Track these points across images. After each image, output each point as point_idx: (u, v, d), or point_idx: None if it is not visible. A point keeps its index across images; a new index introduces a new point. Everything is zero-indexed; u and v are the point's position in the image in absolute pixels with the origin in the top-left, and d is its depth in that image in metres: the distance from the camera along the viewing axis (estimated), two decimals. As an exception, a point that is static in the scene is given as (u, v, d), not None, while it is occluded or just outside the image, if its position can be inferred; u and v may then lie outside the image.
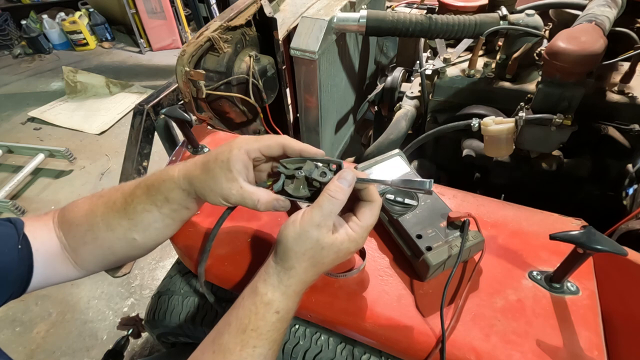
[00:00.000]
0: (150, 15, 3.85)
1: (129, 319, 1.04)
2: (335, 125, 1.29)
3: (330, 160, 0.50)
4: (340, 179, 0.46)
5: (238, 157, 0.48)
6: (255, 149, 0.49)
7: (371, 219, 0.48)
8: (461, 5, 1.09)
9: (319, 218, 0.44)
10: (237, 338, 0.45)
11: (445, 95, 1.03)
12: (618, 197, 0.91)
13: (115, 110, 3.18)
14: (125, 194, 0.53)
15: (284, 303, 0.46)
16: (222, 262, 0.62)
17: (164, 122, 0.93)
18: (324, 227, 0.44)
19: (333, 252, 0.46)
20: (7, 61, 4.09)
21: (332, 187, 0.45)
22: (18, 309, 1.83)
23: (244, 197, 0.48)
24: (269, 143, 0.50)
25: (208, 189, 0.49)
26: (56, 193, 2.48)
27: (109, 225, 0.53)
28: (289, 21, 1.07)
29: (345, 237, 0.46)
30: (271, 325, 0.45)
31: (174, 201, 0.52)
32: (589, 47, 0.74)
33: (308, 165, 0.49)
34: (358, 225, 0.47)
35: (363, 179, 0.47)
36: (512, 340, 0.49)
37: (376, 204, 0.48)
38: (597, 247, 0.45)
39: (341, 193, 0.45)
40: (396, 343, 0.52)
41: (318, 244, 0.45)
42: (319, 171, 0.48)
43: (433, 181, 0.46)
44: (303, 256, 0.45)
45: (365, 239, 0.48)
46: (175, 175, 0.51)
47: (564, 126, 0.81)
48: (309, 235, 0.44)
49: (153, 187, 0.52)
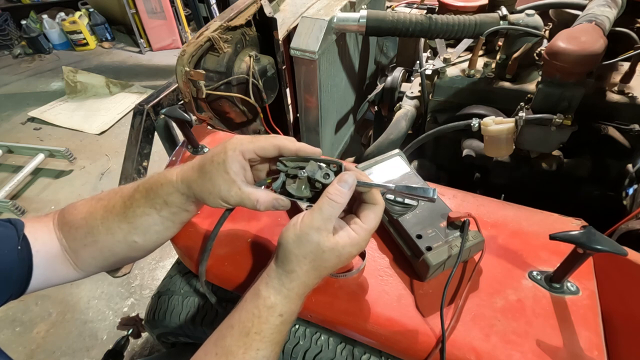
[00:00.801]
0: (150, 15, 3.85)
1: (129, 319, 1.04)
2: (335, 125, 1.29)
3: (331, 160, 0.49)
4: (341, 182, 0.46)
5: (234, 159, 0.48)
6: (250, 150, 0.49)
7: (374, 221, 0.47)
8: (461, 5, 1.09)
9: (320, 222, 0.44)
10: (240, 341, 0.45)
11: (445, 95, 1.03)
12: (618, 197, 0.91)
13: (115, 110, 3.18)
14: (125, 198, 0.53)
15: (287, 306, 0.46)
16: (223, 263, 0.62)
17: (164, 122, 0.93)
18: (324, 230, 0.44)
19: (335, 256, 0.45)
20: (7, 61, 4.09)
21: (332, 190, 0.45)
22: (18, 309, 1.83)
23: (243, 198, 0.48)
24: (263, 145, 0.49)
25: (207, 192, 0.49)
26: (56, 193, 2.48)
27: (109, 228, 0.53)
28: (289, 21, 1.07)
29: (347, 240, 0.46)
30: (274, 328, 0.45)
31: (173, 204, 0.52)
32: (589, 47, 0.74)
33: (311, 165, 0.48)
34: (362, 228, 0.47)
35: (367, 183, 0.47)
36: (512, 340, 0.49)
37: (380, 207, 0.48)
38: (597, 247, 0.45)
39: (341, 196, 0.45)
40: (396, 343, 0.52)
41: (319, 247, 0.44)
42: (322, 172, 0.48)
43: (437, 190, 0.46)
44: (304, 259, 0.45)
45: (367, 241, 0.48)
46: (173, 179, 0.51)
47: (564, 126, 0.81)
48: (310, 239, 0.44)
49: (152, 191, 0.52)
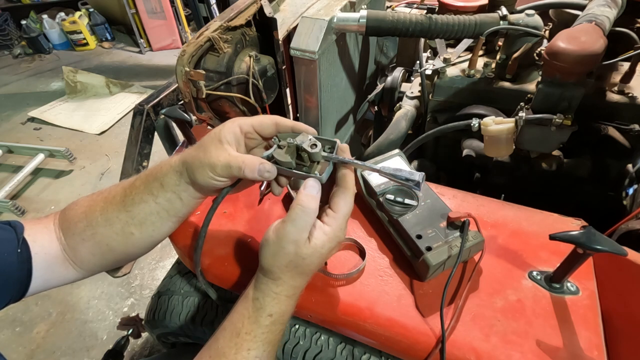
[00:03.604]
0: (150, 15, 3.85)
1: (129, 319, 1.04)
2: (335, 125, 1.29)
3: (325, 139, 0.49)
4: (307, 187, 0.46)
5: (229, 129, 0.49)
6: (247, 124, 0.50)
7: (345, 207, 0.47)
8: (461, 5, 1.09)
9: (294, 234, 0.44)
10: (232, 342, 0.45)
11: (445, 95, 1.03)
12: (618, 197, 0.91)
13: (115, 110, 3.18)
14: (125, 187, 0.54)
15: (277, 307, 0.46)
16: (223, 263, 0.62)
17: (164, 122, 0.93)
18: (300, 240, 0.44)
19: (316, 257, 0.46)
20: (7, 61, 4.10)
21: (301, 197, 0.45)
22: (18, 309, 1.83)
23: (230, 162, 0.47)
24: (261, 119, 0.51)
25: (197, 163, 0.48)
26: (56, 193, 2.48)
27: (108, 219, 0.53)
28: (289, 21, 1.07)
29: (324, 238, 0.46)
30: (265, 328, 0.46)
31: (168, 187, 0.51)
32: (589, 47, 0.74)
33: (302, 136, 0.48)
34: (334, 218, 0.47)
35: (349, 160, 0.47)
36: (512, 341, 0.49)
37: (349, 192, 0.48)
38: (597, 247, 0.45)
39: (312, 201, 0.45)
40: (396, 343, 0.52)
41: (298, 256, 0.45)
42: (310, 142, 0.47)
43: (424, 175, 0.45)
44: (286, 268, 0.45)
45: (344, 229, 0.48)
46: (172, 160, 0.52)
47: (564, 126, 0.81)
48: (287, 252, 0.44)
49: (151, 175, 0.53)
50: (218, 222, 0.67)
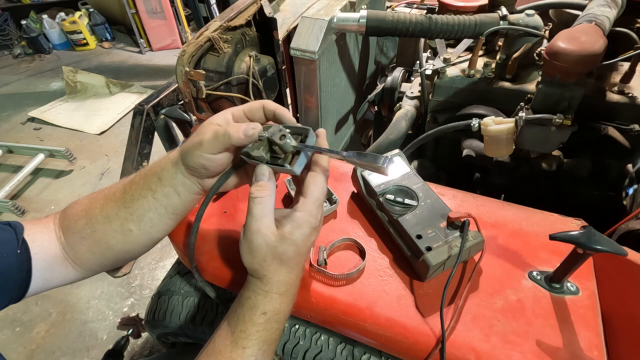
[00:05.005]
0: (150, 15, 3.85)
1: (129, 319, 1.04)
2: (335, 125, 1.29)
3: (297, 127, 0.49)
4: (256, 175, 0.47)
5: (221, 115, 0.51)
6: (238, 110, 0.52)
7: (316, 191, 0.47)
8: (461, 5, 1.09)
9: (254, 224, 0.45)
10: (227, 340, 0.46)
11: (445, 95, 1.03)
12: (618, 197, 0.91)
13: (115, 110, 3.18)
14: (125, 184, 0.55)
15: (269, 305, 0.46)
16: (222, 262, 0.62)
17: (164, 122, 0.93)
18: (263, 228, 0.45)
19: (289, 245, 0.45)
20: (7, 61, 4.10)
21: (252, 189, 0.46)
22: (18, 309, 1.83)
23: (217, 133, 0.47)
24: (251, 105, 0.52)
25: (190, 145, 0.49)
26: (56, 193, 2.48)
27: (107, 216, 0.53)
28: (289, 21, 1.07)
29: (293, 224, 0.45)
30: (259, 326, 0.46)
31: (166, 180, 0.52)
32: (589, 47, 0.74)
33: (273, 128, 0.47)
34: (304, 203, 0.46)
35: (313, 147, 0.47)
36: (512, 341, 0.49)
37: (319, 175, 0.47)
38: (597, 247, 0.45)
39: (263, 190, 0.45)
40: (396, 343, 0.52)
41: (268, 245, 0.45)
42: (280, 134, 0.47)
43: (390, 159, 0.44)
44: (264, 263, 0.46)
45: (316, 214, 0.47)
46: (172, 152, 0.53)
47: (564, 126, 0.81)
48: (256, 244, 0.45)
49: (150, 170, 0.53)
50: (218, 222, 0.67)
